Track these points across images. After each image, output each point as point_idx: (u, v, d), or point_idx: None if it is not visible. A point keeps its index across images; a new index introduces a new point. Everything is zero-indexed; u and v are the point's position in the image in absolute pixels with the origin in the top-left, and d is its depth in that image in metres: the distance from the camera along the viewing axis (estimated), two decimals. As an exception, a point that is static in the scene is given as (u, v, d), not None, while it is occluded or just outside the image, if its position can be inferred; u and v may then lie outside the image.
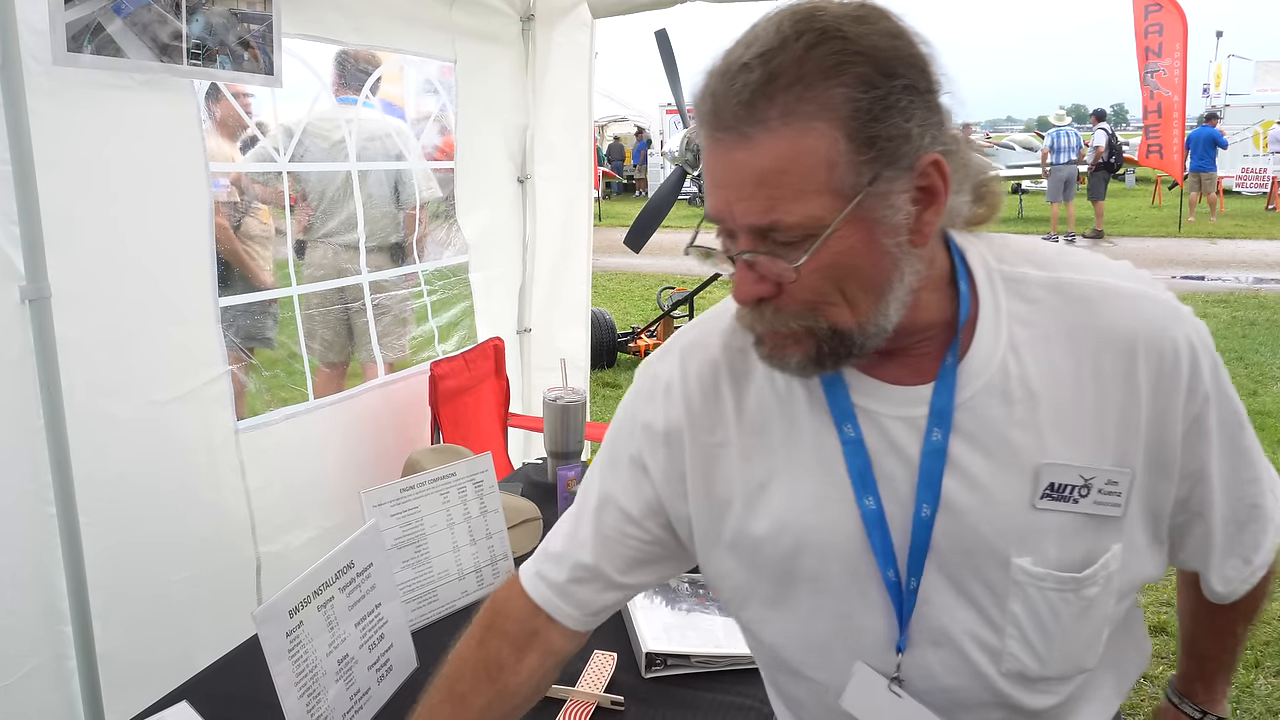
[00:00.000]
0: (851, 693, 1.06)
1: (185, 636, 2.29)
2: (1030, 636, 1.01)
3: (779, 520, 1.04)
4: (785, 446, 1.04)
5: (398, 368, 3.63)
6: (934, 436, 0.98)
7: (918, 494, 0.98)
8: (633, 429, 1.13)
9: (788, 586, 1.06)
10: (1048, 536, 0.98)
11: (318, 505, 2.78)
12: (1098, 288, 1.00)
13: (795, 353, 0.94)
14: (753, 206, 0.88)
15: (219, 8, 2.36)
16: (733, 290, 0.94)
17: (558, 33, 3.81)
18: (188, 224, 2.38)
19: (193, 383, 2.38)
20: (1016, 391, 0.98)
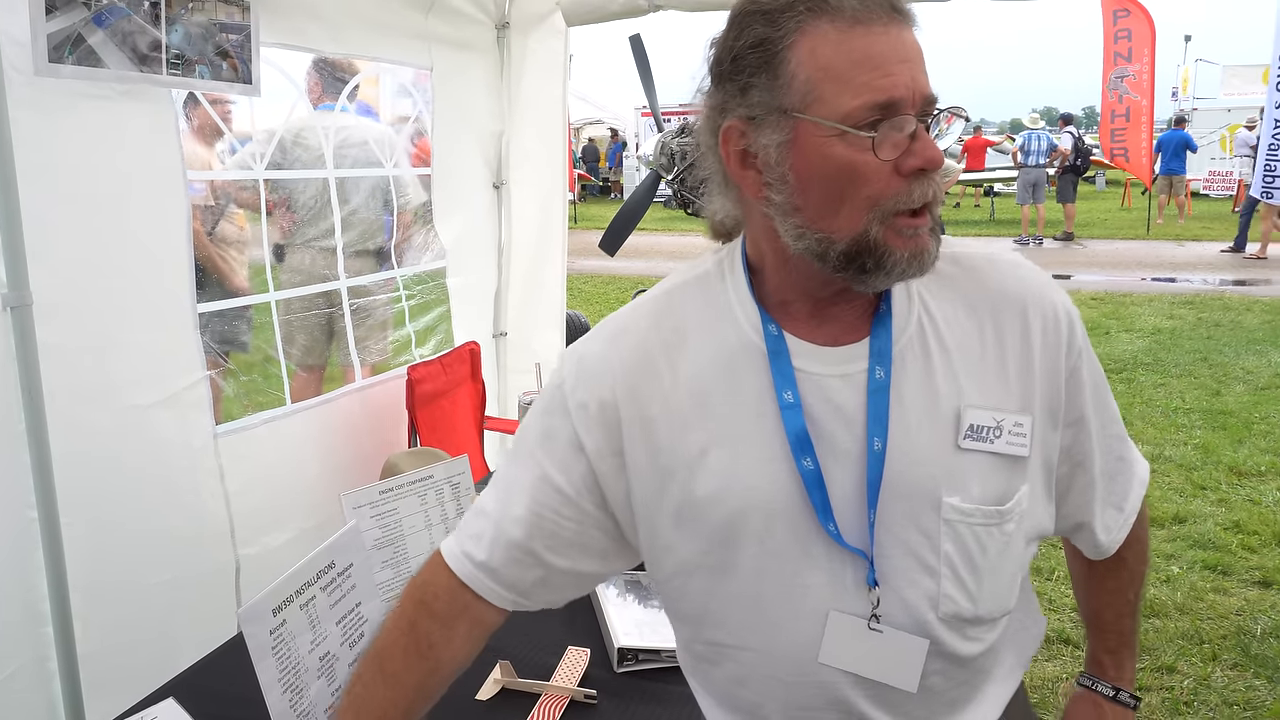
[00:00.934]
0: (830, 644, 1.09)
1: (165, 638, 2.33)
2: (962, 574, 1.08)
3: (722, 484, 1.08)
4: (726, 413, 1.09)
5: (378, 371, 3.66)
6: (877, 374, 1.06)
7: (868, 429, 1.05)
8: (565, 407, 1.14)
9: (733, 550, 1.10)
10: (970, 475, 1.07)
11: (296, 508, 2.82)
12: (985, 258, 1.15)
13: (931, 242, 1.02)
14: (927, 79, 0.98)
15: (198, 18, 2.40)
16: (921, 157, 0.97)
17: (532, 40, 3.86)
18: (167, 231, 2.42)
19: (172, 388, 2.42)
20: (933, 345, 1.08)
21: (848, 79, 0.96)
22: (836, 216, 1.00)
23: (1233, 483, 5.06)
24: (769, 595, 1.10)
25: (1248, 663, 3.33)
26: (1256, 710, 3.07)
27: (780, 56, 0.98)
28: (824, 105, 0.97)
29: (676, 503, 1.11)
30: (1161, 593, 3.85)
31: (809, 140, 0.98)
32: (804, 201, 1.01)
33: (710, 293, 1.14)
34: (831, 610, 1.08)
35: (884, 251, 0.99)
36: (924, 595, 1.08)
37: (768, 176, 1.02)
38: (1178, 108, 24.55)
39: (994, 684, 1.21)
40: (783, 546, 1.08)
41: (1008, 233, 16.97)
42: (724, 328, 1.11)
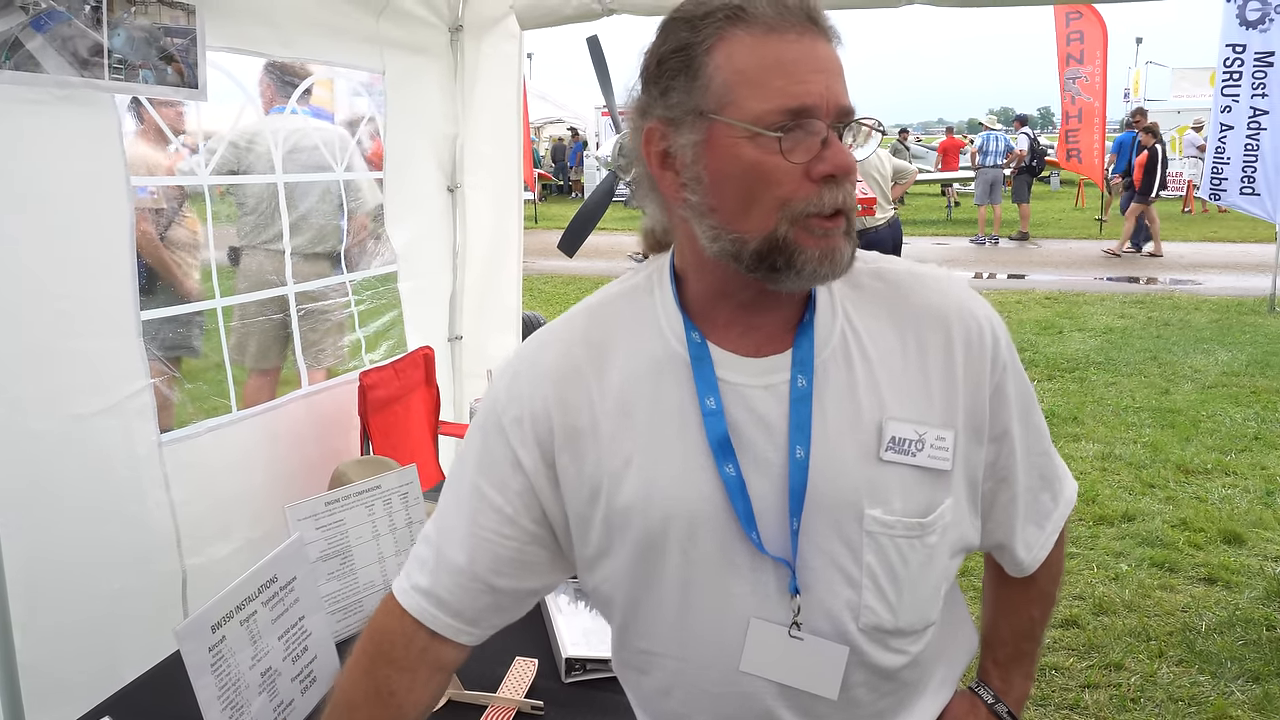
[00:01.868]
0: (751, 652, 1.10)
1: (109, 650, 2.29)
2: (884, 585, 1.10)
3: (645, 493, 1.09)
4: (649, 423, 1.10)
5: (328, 376, 3.63)
6: (799, 383, 1.08)
7: (790, 438, 1.07)
8: (499, 425, 1.15)
9: (657, 559, 1.11)
10: (892, 488, 1.08)
11: (242, 517, 2.78)
12: (909, 273, 1.17)
13: (845, 245, 1.03)
14: (843, 90, 1.01)
15: (141, 22, 2.36)
16: (830, 163, 1.00)
17: (486, 44, 3.84)
18: (107, 238, 2.37)
19: (114, 396, 2.38)
20: (856, 357, 1.10)
21: (761, 83, 0.99)
22: (748, 217, 1.02)
23: (1180, 480, 5.16)
24: (692, 604, 1.11)
25: (1193, 659, 3.39)
26: (1201, 706, 3.14)
27: (699, 60, 1.02)
28: (737, 108, 1.00)
29: (604, 512, 1.12)
30: (1110, 590, 3.92)
31: (722, 141, 1.01)
32: (718, 202, 1.03)
33: (638, 305, 1.16)
34: (752, 618, 1.09)
35: (794, 250, 1.01)
36: (845, 605, 1.09)
37: (684, 176, 1.05)
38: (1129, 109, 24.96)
39: (924, 698, 1.23)
40: (706, 555, 1.09)
41: (965, 232, 17.18)
42: (649, 339, 1.13)
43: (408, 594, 1.19)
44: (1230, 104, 8.56)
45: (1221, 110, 8.69)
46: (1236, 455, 5.51)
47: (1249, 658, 3.41)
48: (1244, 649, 3.47)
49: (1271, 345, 8.12)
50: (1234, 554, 4.23)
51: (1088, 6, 13.21)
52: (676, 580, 1.11)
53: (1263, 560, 4.18)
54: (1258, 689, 3.21)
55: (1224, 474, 5.24)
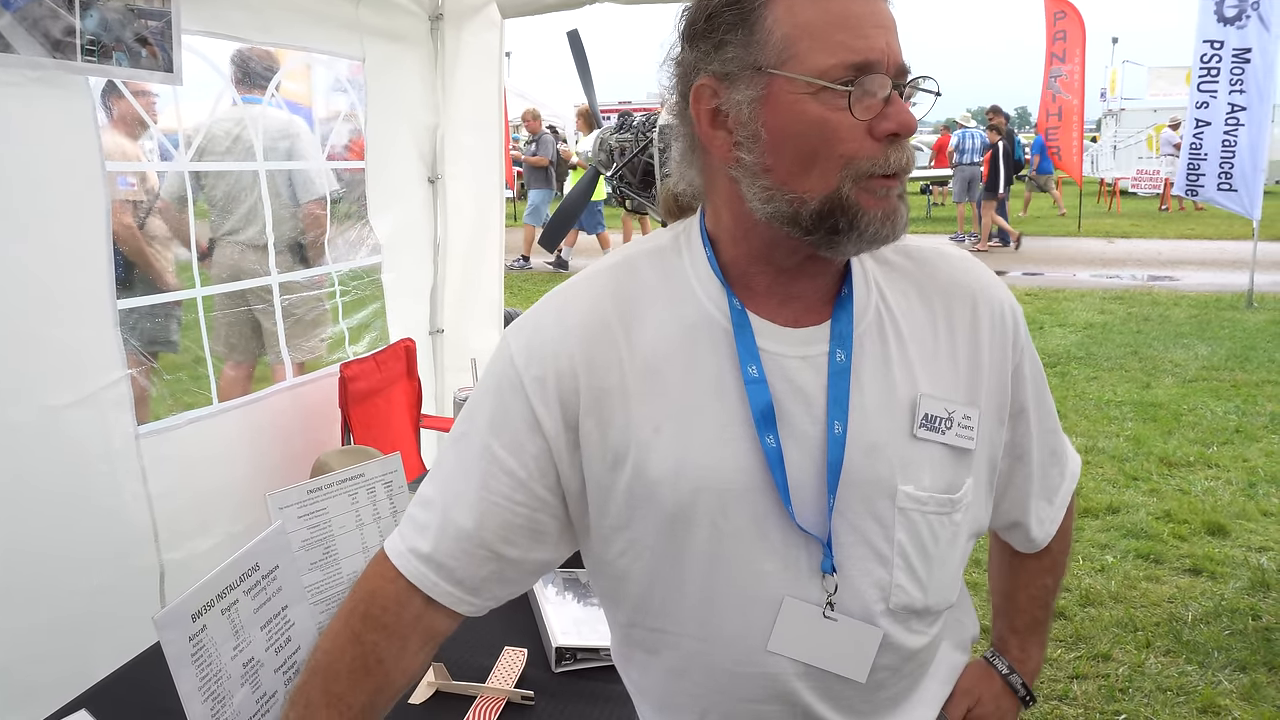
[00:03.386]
0: (781, 632, 1.06)
1: (84, 647, 2.23)
2: (914, 564, 1.08)
3: (676, 463, 1.04)
4: (682, 390, 1.05)
5: (308, 369, 3.58)
6: (838, 357, 1.05)
7: (829, 412, 1.04)
8: (518, 384, 1.08)
9: (686, 532, 1.06)
10: (923, 465, 1.07)
11: (223, 511, 2.73)
12: (935, 251, 1.15)
13: (903, 204, 1.01)
14: (900, 48, 0.99)
15: (115, 3, 2.31)
16: (895, 120, 0.97)
17: (467, 32, 3.80)
18: (82, 225, 2.32)
19: (90, 387, 2.32)
20: (890, 332, 1.08)
21: (825, 37, 0.96)
22: (809, 176, 0.98)
23: (1163, 473, 5.17)
24: (720, 580, 1.07)
25: (1180, 649, 3.39)
26: (1189, 695, 3.13)
27: (757, 14, 0.98)
28: (799, 62, 0.96)
29: (628, 480, 1.06)
30: (1096, 582, 3.92)
31: (783, 97, 0.97)
32: (775, 161, 0.99)
33: (666, 265, 1.11)
34: (786, 596, 1.05)
35: (857, 211, 0.98)
36: (876, 584, 1.07)
37: (738, 135, 1.00)
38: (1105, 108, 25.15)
39: (933, 682, 1.22)
40: (738, 529, 1.05)
41: (944, 230, 17.23)
42: (682, 302, 1.08)
43: (405, 557, 1.12)
44: (1208, 100, 8.62)
45: (1198, 106, 8.74)
46: (1218, 448, 5.53)
47: (1235, 647, 3.41)
48: (1230, 639, 3.47)
49: (1249, 339, 8.18)
50: (1218, 545, 4.24)
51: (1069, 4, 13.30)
52: (703, 555, 1.06)
53: (1247, 551, 4.19)
54: (1244, 678, 3.21)
55: (1206, 466, 5.26)
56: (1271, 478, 5.02)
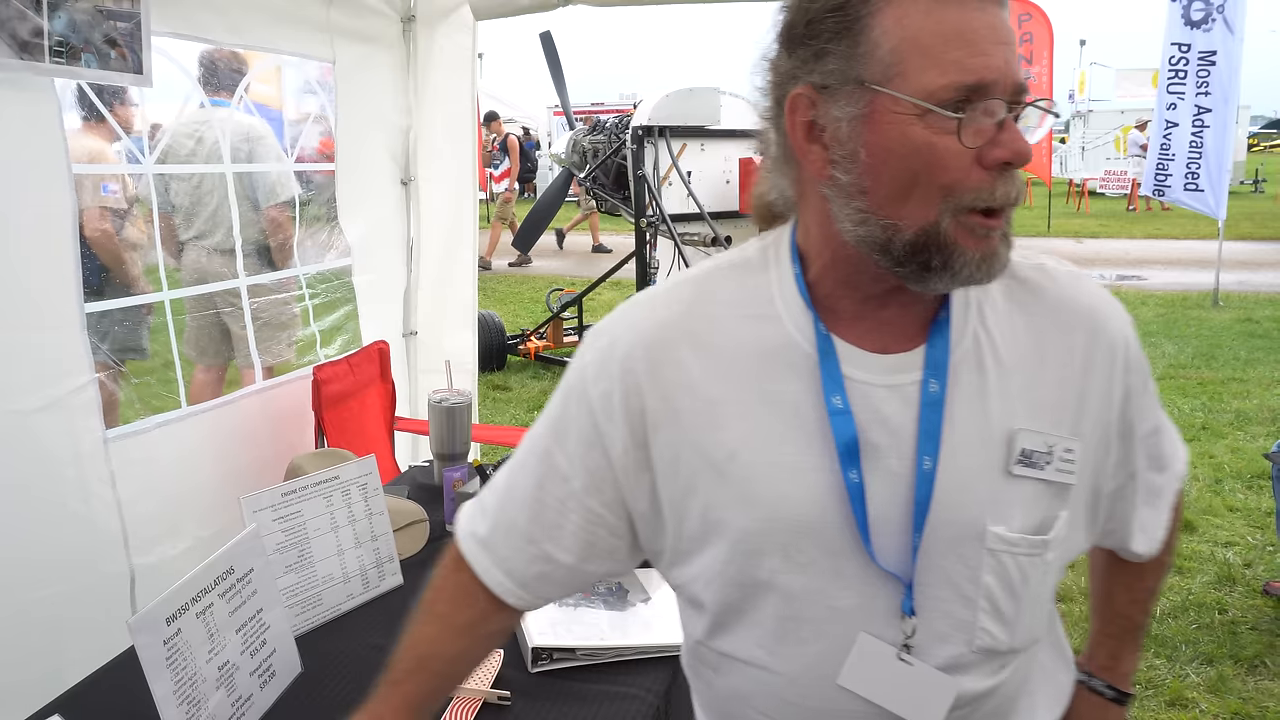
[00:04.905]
0: (853, 667, 1.01)
1: (53, 655, 2.21)
2: (1001, 606, 1.01)
3: (748, 491, 1.00)
4: (759, 414, 1.00)
5: (278, 373, 3.56)
6: (931, 387, 0.98)
7: (919, 447, 0.97)
8: (585, 397, 1.06)
9: (756, 565, 1.01)
10: (1015, 504, 0.99)
11: (193, 515, 2.71)
12: (1039, 270, 1.06)
13: (1004, 246, 0.94)
14: (1018, 67, 0.90)
15: (83, 4, 2.28)
16: (1008, 149, 0.90)
17: (439, 34, 3.78)
18: (49, 228, 2.28)
19: (57, 391, 2.29)
20: (989, 360, 1.00)
21: (937, 54, 0.88)
22: (906, 204, 0.91)
23: (1131, 470, 5.23)
24: (792, 614, 1.02)
25: (1148, 643, 3.43)
26: (1158, 689, 3.18)
27: (863, 23, 0.90)
28: (907, 80, 0.89)
29: (701, 505, 1.02)
30: (1066, 577, 3.95)
31: (886, 116, 0.90)
32: (873, 184, 0.92)
33: (750, 281, 1.05)
34: (862, 632, 1.00)
35: (953, 250, 0.91)
36: (958, 626, 1.01)
37: (835, 153, 0.94)
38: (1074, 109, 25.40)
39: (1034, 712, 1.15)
40: (812, 563, 1.00)
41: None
42: (762, 321, 1.02)
43: (465, 537, 1.16)
44: (1175, 101, 8.73)
45: (1166, 108, 8.85)
46: (1185, 444, 5.60)
47: (1202, 641, 3.46)
48: (1197, 632, 3.52)
49: (1215, 338, 8.29)
50: (1186, 541, 4.29)
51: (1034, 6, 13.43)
52: (775, 588, 1.02)
53: (1213, 546, 4.25)
54: (1211, 671, 3.26)
55: (1173, 463, 5.33)
56: (1237, 474, 5.10)
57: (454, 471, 2.23)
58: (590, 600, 1.81)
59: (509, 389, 7.25)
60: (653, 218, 6.80)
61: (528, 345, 7.98)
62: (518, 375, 7.65)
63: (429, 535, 2.16)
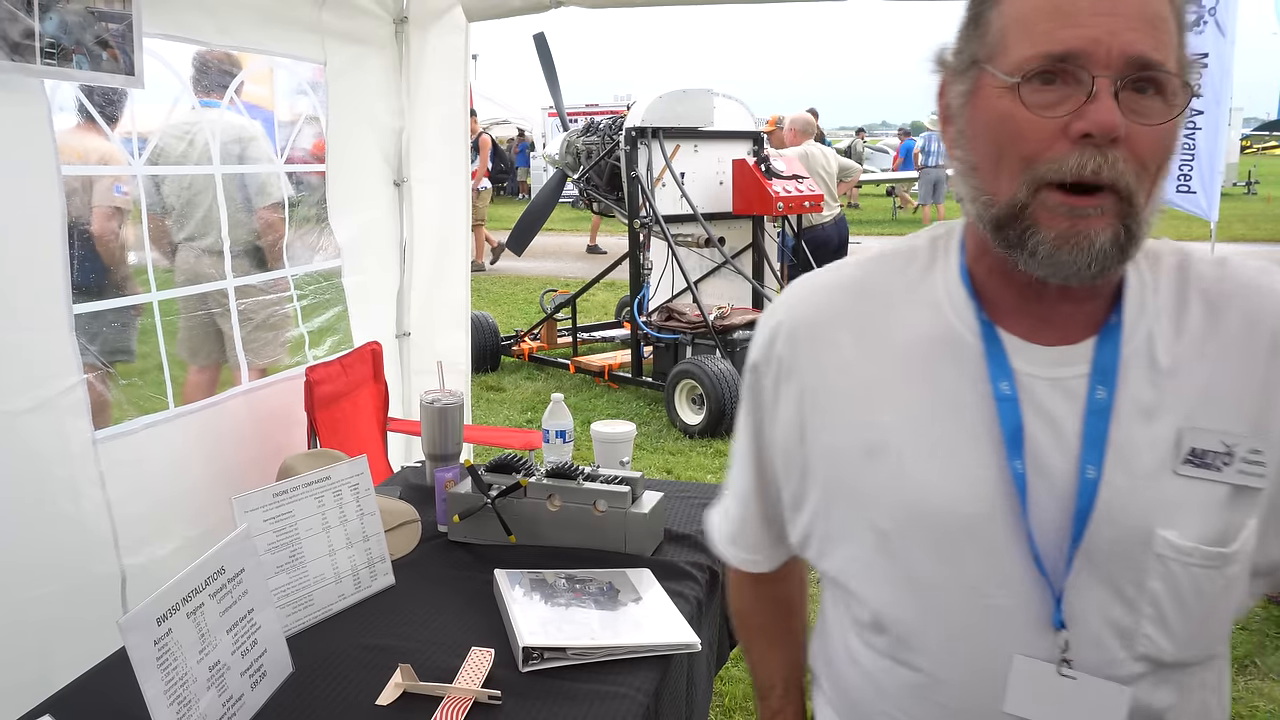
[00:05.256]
0: (1015, 693, 0.96)
1: (43, 656, 2.21)
2: (1168, 615, 0.95)
3: (900, 481, 0.99)
4: (914, 401, 1.00)
5: (269, 373, 3.55)
6: (1098, 394, 0.94)
7: (1082, 455, 0.93)
8: (757, 375, 1.12)
9: (906, 557, 1.00)
10: (1190, 508, 0.94)
11: (181, 515, 2.70)
12: (1219, 264, 1.02)
13: (1102, 230, 0.88)
14: (1145, 39, 0.86)
15: (74, 6, 2.28)
16: (1088, 120, 0.86)
17: (432, 35, 3.79)
18: (36, 229, 2.27)
19: (46, 392, 2.29)
20: (1161, 358, 0.96)
21: (1032, 26, 0.89)
22: (998, 177, 0.92)
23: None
24: (948, 612, 0.99)
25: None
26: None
27: (988, 7, 0.93)
28: (1005, 56, 0.90)
29: (849, 493, 1.03)
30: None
31: (985, 91, 0.92)
32: (978, 159, 0.94)
33: (915, 269, 1.06)
34: (1017, 655, 0.96)
35: (1028, 227, 0.90)
36: (1118, 632, 0.96)
37: (954, 131, 0.97)
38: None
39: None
40: (964, 558, 0.97)
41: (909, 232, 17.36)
42: (924, 310, 1.02)
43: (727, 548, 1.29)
44: (1166, 103, 8.74)
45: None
46: None
47: (1238, 644, 3.46)
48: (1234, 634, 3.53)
49: (1207, 338, 8.30)
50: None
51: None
52: (927, 581, 0.99)
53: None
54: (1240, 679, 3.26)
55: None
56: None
57: (446, 472, 2.24)
58: (581, 600, 1.82)
59: (502, 390, 7.25)
60: (646, 219, 6.81)
61: (521, 346, 7.98)
62: (511, 376, 7.65)
63: (420, 536, 2.17)
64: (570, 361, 7.59)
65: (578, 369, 7.51)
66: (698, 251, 7.12)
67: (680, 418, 6.17)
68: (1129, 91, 0.87)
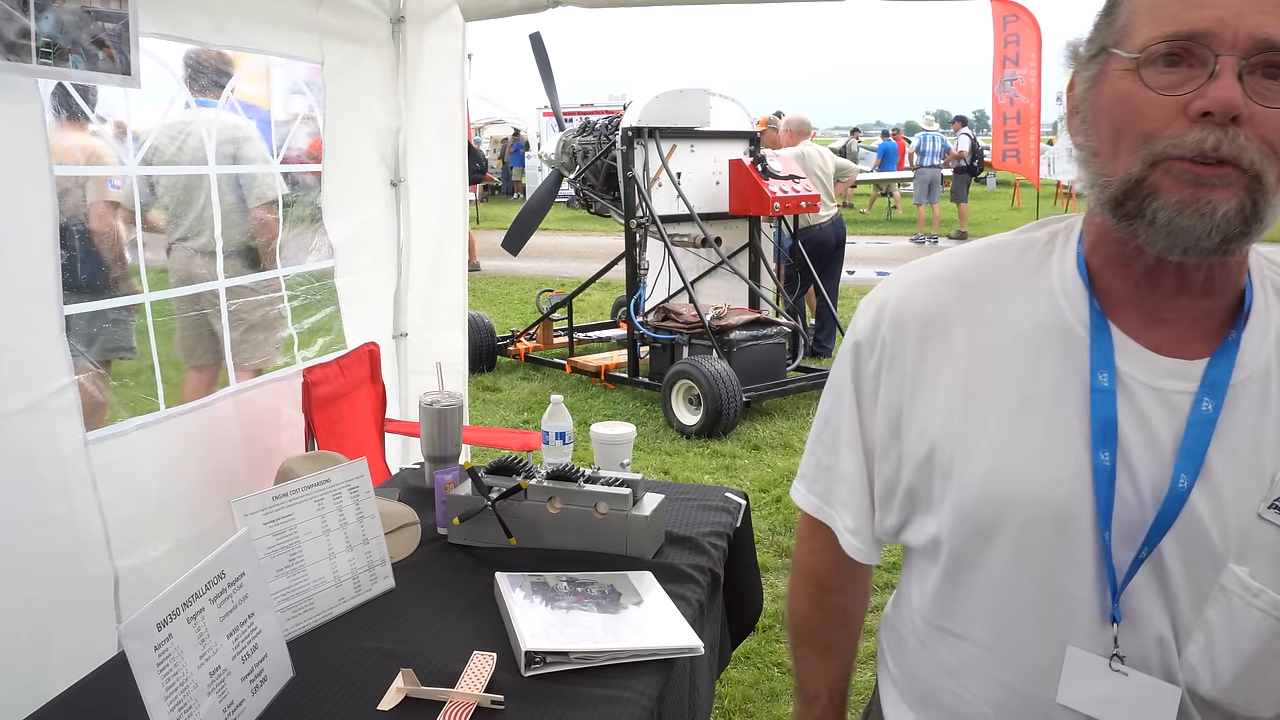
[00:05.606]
0: (1068, 684, 0.98)
1: (38, 659, 2.20)
2: (1216, 649, 0.95)
3: (993, 461, 1.00)
4: (1016, 388, 1.00)
5: (261, 374, 3.53)
6: (1204, 406, 0.94)
7: (1177, 463, 0.93)
8: (857, 356, 1.11)
9: (988, 541, 1.01)
10: (1268, 552, 0.93)
11: (171, 517, 2.68)
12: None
13: (1227, 199, 0.87)
14: (1273, 21, 0.85)
15: (70, 5, 2.27)
16: (1208, 98, 0.86)
17: (429, 34, 3.77)
18: (27, 229, 2.25)
19: (38, 394, 2.27)
20: (1275, 394, 0.95)
21: (1158, 9, 0.90)
22: (1117, 157, 0.92)
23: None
24: (1020, 597, 1.01)
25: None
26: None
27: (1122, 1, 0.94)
28: (1131, 39, 0.91)
29: (942, 473, 1.03)
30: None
31: (1109, 75, 0.94)
32: (1099, 143, 0.95)
33: (1031, 258, 1.06)
34: (1070, 646, 0.98)
35: (1148, 193, 0.90)
36: (1163, 651, 0.96)
37: (1077, 120, 0.98)
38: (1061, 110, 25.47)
39: None
40: (1045, 545, 0.98)
41: (905, 231, 17.40)
42: (1037, 300, 1.03)
43: (842, 535, 1.20)
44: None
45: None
46: None
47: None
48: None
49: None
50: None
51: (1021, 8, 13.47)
52: (1005, 565, 1.01)
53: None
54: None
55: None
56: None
57: (445, 474, 2.23)
58: (583, 603, 1.81)
59: (499, 390, 7.23)
60: (642, 219, 6.80)
61: (517, 346, 7.97)
62: (507, 376, 7.64)
63: (420, 538, 2.15)
64: (566, 362, 7.57)
65: (574, 369, 7.50)
66: (694, 252, 7.11)
67: (677, 418, 6.16)
68: (1256, 75, 0.87)
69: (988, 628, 1.04)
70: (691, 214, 6.90)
